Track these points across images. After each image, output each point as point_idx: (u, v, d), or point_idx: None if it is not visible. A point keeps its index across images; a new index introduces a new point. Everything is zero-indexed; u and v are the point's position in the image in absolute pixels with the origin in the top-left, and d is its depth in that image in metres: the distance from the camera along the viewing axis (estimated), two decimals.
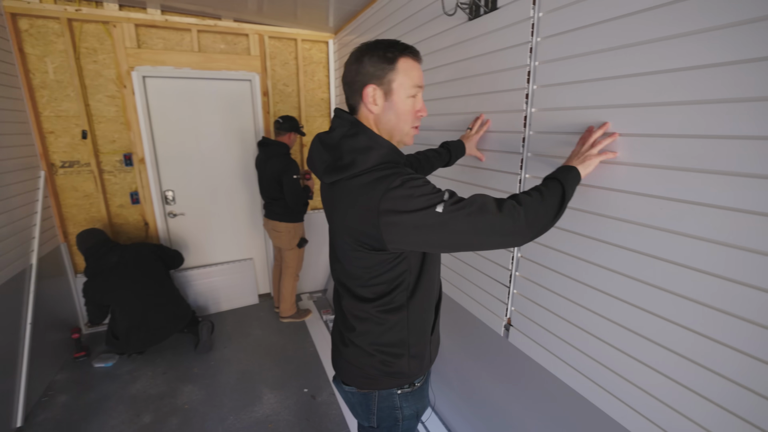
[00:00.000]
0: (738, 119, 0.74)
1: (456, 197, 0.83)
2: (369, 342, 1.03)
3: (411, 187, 0.82)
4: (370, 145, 0.88)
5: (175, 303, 2.66)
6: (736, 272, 0.78)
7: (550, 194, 0.88)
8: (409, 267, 0.96)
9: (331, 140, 0.93)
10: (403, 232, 0.82)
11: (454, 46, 1.61)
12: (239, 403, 2.26)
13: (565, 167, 0.96)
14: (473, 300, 1.67)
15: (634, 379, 1.02)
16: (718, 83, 0.77)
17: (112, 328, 2.53)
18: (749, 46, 0.71)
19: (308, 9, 2.57)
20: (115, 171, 2.84)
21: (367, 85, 0.89)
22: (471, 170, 1.60)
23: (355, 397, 1.11)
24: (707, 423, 0.85)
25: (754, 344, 0.76)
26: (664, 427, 0.95)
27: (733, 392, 0.80)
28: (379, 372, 1.05)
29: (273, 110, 3.20)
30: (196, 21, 2.80)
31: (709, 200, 0.81)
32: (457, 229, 0.80)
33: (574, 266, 1.16)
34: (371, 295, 0.98)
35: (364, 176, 0.86)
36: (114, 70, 2.70)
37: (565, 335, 1.22)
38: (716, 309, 0.82)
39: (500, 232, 0.81)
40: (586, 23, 1.04)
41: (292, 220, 2.87)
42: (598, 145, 0.98)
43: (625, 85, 0.95)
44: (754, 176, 0.73)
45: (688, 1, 0.80)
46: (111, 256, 2.51)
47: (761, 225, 0.73)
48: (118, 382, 2.43)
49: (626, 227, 1.00)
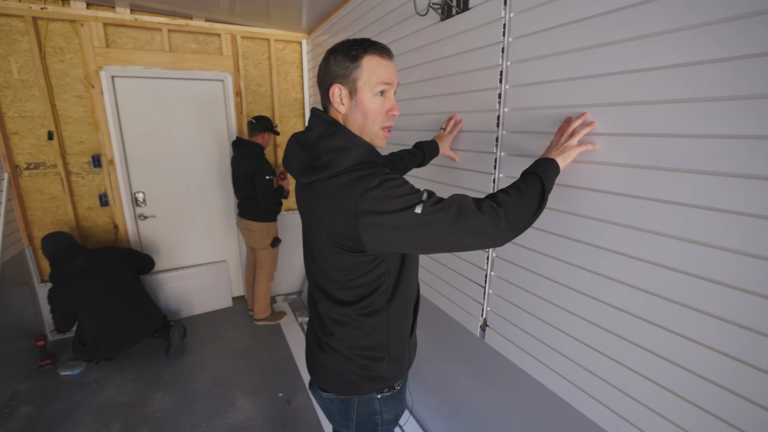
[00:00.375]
0: (710, 118, 0.75)
1: (435, 197, 0.82)
2: (349, 346, 1.01)
3: (389, 188, 0.81)
4: (348, 145, 0.87)
5: (145, 307, 2.60)
6: (708, 270, 0.78)
7: (529, 190, 0.86)
8: (389, 269, 0.95)
9: (307, 140, 0.92)
10: (381, 233, 0.81)
11: (428, 46, 1.61)
12: (212, 409, 2.22)
13: (543, 160, 0.94)
14: (449, 301, 1.67)
15: (609, 378, 1.01)
16: (688, 82, 0.77)
17: (79, 334, 2.45)
18: (719, 46, 0.72)
19: (281, 9, 2.56)
20: (83, 173, 2.77)
21: (333, 85, 0.89)
22: (445, 170, 1.60)
23: (334, 403, 1.09)
24: (681, 421, 0.86)
25: (727, 342, 0.76)
26: (639, 426, 0.95)
27: (706, 390, 0.80)
28: (358, 377, 1.03)
29: (246, 110, 3.16)
30: (166, 20, 2.75)
31: (680, 199, 0.81)
32: (436, 230, 0.79)
33: (548, 265, 1.16)
34: (350, 298, 0.97)
35: (341, 177, 0.85)
36: (82, 70, 2.63)
37: (541, 335, 1.22)
38: (689, 307, 0.82)
39: (480, 234, 0.80)
40: (556, 23, 1.05)
41: (265, 220, 2.86)
42: (576, 135, 0.96)
43: (595, 84, 0.96)
44: (725, 175, 0.73)
45: (656, 3, 0.81)
46: (78, 261, 2.43)
47: (733, 223, 0.73)
48: (85, 390, 2.36)
49: (598, 225, 1.00)
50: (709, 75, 0.74)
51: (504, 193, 0.86)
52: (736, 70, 0.70)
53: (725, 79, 0.72)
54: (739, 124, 0.70)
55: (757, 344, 0.71)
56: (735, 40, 0.70)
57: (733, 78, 0.70)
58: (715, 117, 0.74)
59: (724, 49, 0.71)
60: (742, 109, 0.70)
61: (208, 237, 3.29)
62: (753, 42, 0.67)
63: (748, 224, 0.71)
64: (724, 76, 0.72)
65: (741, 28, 0.69)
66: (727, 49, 0.71)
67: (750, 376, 0.73)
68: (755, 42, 0.67)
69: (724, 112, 0.72)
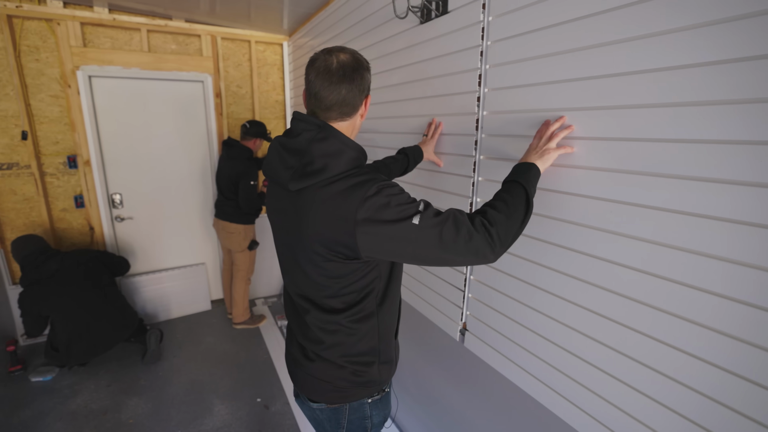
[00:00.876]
0: (686, 122, 0.75)
1: (432, 209, 0.83)
2: (340, 354, 0.99)
3: (387, 195, 0.81)
4: (342, 149, 0.87)
5: (120, 311, 2.55)
6: (684, 275, 0.78)
7: (517, 204, 0.87)
8: (380, 274, 0.95)
9: (297, 144, 0.88)
10: (378, 241, 0.81)
11: (407, 49, 1.61)
12: (188, 415, 2.18)
13: (524, 165, 0.94)
14: (429, 305, 1.66)
15: (586, 382, 1.01)
16: (665, 87, 0.78)
17: (52, 339, 2.39)
18: (694, 51, 0.72)
19: (262, 11, 2.55)
20: (58, 173, 2.71)
21: (368, 95, 0.96)
22: (426, 173, 1.60)
23: (324, 413, 1.07)
24: (657, 425, 0.86)
25: (702, 347, 0.76)
26: (616, 431, 0.95)
27: (684, 396, 0.80)
28: (350, 383, 1.02)
29: (226, 112, 3.14)
30: (145, 21, 2.72)
31: (658, 203, 0.81)
32: (432, 243, 0.80)
33: (527, 269, 1.15)
34: (341, 305, 0.96)
35: (338, 183, 0.84)
36: (58, 69, 2.58)
37: (519, 339, 1.21)
38: (668, 312, 0.81)
39: (474, 253, 0.81)
40: (534, 27, 1.05)
41: (243, 222, 2.84)
42: (555, 138, 0.97)
43: (573, 88, 0.96)
44: (703, 180, 0.73)
45: (631, 8, 0.82)
46: (50, 264, 2.38)
47: (710, 228, 0.73)
48: (57, 396, 2.29)
49: (576, 229, 0.99)
50: (685, 79, 0.74)
51: (493, 209, 0.86)
52: (710, 75, 0.71)
53: (700, 83, 0.72)
54: (715, 129, 0.71)
55: (728, 348, 0.72)
56: (710, 46, 0.70)
57: (709, 83, 0.71)
58: (691, 121, 0.74)
59: (699, 54, 0.72)
60: (717, 114, 0.70)
61: (186, 239, 3.25)
62: (725, 48, 0.68)
63: (724, 229, 0.71)
64: (699, 80, 0.72)
65: (712, 35, 0.70)
66: (702, 54, 0.71)
67: (716, 377, 0.74)
68: (727, 48, 0.68)
69: (700, 116, 0.73)
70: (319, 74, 0.87)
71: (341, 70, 0.87)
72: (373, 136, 1.93)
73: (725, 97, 0.69)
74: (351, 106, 0.91)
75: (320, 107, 0.90)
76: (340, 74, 0.87)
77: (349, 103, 0.90)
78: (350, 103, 0.90)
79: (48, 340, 2.42)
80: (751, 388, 0.69)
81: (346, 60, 0.88)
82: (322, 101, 0.89)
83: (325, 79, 0.87)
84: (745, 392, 0.70)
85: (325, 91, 0.88)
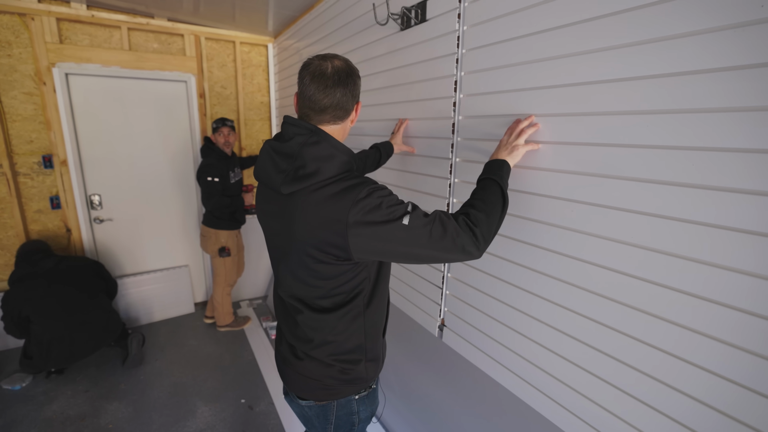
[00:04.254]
0: (637, 129, 0.82)
1: (420, 210, 0.88)
2: (328, 353, 1.02)
3: (378, 197, 0.85)
4: (333, 153, 0.89)
5: (105, 318, 2.49)
6: (639, 270, 0.84)
7: (493, 200, 0.93)
8: (369, 274, 0.98)
9: (289, 149, 0.90)
10: (370, 242, 0.84)
11: (388, 54, 1.66)
12: (170, 418, 2.15)
13: (495, 162, 1.01)
14: (409, 302, 1.71)
15: (556, 373, 1.07)
16: (623, 96, 0.85)
17: (26, 347, 2.31)
18: (645, 64, 0.80)
19: (247, 12, 2.55)
20: (32, 173, 2.62)
21: (359, 102, 0.99)
22: (406, 175, 1.65)
23: (313, 410, 1.10)
24: (634, 421, 0.89)
25: (673, 342, 0.80)
26: (588, 421, 1.00)
27: (653, 387, 0.85)
28: (338, 381, 1.04)
29: (210, 112, 3.11)
30: (126, 18, 2.67)
31: (617, 203, 0.88)
32: (421, 243, 0.84)
33: (500, 267, 1.22)
34: (331, 305, 0.98)
35: (329, 186, 0.87)
36: (32, 66, 2.50)
37: (495, 334, 1.27)
38: (634, 308, 0.87)
39: (461, 251, 0.86)
40: (505, 38, 1.11)
41: (215, 227, 2.77)
42: (523, 134, 1.03)
43: (540, 96, 1.03)
44: (659, 183, 0.80)
45: (597, 21, 0.88)
46: (46, 262, 2.38)
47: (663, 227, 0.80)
48: (30, 404, 2.22)
49: (543, 228, 1.07)
50: (637, 90, 0.82)
51: (474, 208, 0.92)
52: (660, 86, 0.78)
53: (651, 93, 0.80)
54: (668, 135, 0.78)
55: (697, 343, 0.77)
56: (656, 60, 0.78)
57: (660, 93, 0.78)
58: (643, 127, 0.82)
59: (650, 67, 0.79)
60: (665, 122, 0.78)
61: (169, 241, 3.19)
62: (672, 62, 0.76)
63: (682, 229, 0.78)
64: (650, 91, 0.80)
65: (657, 51, 0.78)
66: (653, 67, 0.79)
67: (694, 374, 0.78)
68: (674, 62, 0.76)
69: (652, 123, 0.80)
70: (315, 78, 0.90)
71: (336, 75, 0.90)
72: (359, 138, 1.97)
73: (674, 107, 0.76)
74: (344, 110, 0.94)
75: (314, 110, 0.92)
76: (335, 78, 0.90)
77: (343, 107, 0.93)
78: (344, 107, 0.93)
79: (23, 349, 2.34)
80: (694, 371, 0.76)
81: (340, 66, 0.91)
82: (316, 104, 0.91)
83: (320, 82, 0.89)
84: (697, 379, 0.77)
85: (320, 94, 0.90)
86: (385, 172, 1.78)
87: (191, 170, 3.16)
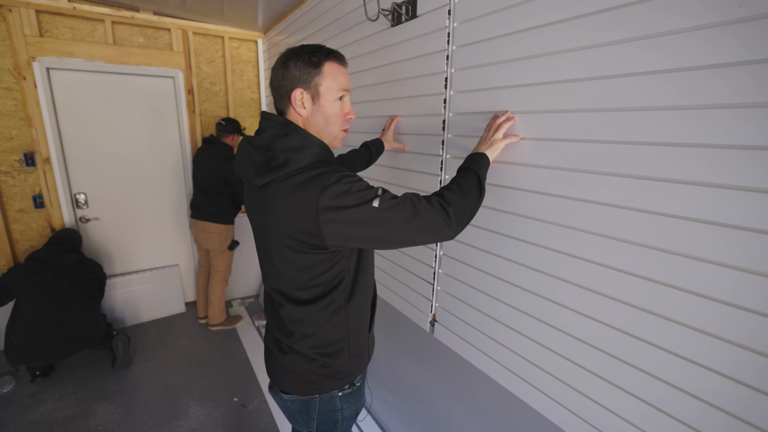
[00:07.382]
0: (618, 125, 0.85)
1: (390, 194, 0.88)
2: (309, 346, 1.02)
3: (347, 183, 0.84)
4: (303, 144, 0.89)
5: (93, 322, 2.43)
6: (635, 266, 0.85)
7: (469, 186, 0.96)
8: (347, 266, 0.98)
9: (261, 141, 0.92)
10: (341, 227, 0.84)
11: (379, 50, 1.65)
12: (162, 418, 2.13)
13: (475, 155, 1.04)
14: (400, 298, 1.72)
15: (545, 365, 1.10)
16: (605, 93, 0.87)
17: (11, 334, 2.24)
18: (624, 62, 0.82)
19: (236, 7, 2.50)
20: (13, 172, 2.54)
21: (295, 89, 0.91)
22: (395, 172, 1.65)
23: (295, 404, 1.09)
24: (626, 414, 0.91)
25: (663, 336, 0.82)
26: (576, 412, 1.03)
27: (648, 384, 0.86)
28: (319, 376, 1.04)
29: (199, 109, 3.06)
30: (110, 11, 2.60)
31: (597, 198, 0.91)
32: (393, 225, 0.84)
33: (489, 261, 1.24)
34: (310, 297, 0.98)
35: (299, 175, 0.86)
36: (10, 60, 2.42)
37: (486, 328, 1.29)
38: (620, 301, 0.89)
39: (433, 231, 0.88)
40: (496, 34, 1.12)
41: (224, 222, 2.79)
42: (501, 128, 1.07)
43: (531, 92, 1.04)
44: (635, 177, 0.83)
45: (581, 19, 0.90)
46: (68, 257, 2.39)
47: (647, 222, 0.82)
48: (16, 407, 2.17)
49: (528, 222, 1.09)
50: (617, 87, 0.84)
51: (449, 191, 0.94)
52: (641, 83, 0.81)
53: (631, 91, 0.82)
54: (649, 132, 0.80)
55: (682, 335, 0.80)
56: (634, 59, 0.81)
57: (640, 91, 0.81)
58: (623, 124, 0.84)
59: (629, 65, 0.82)
60: (646, 118, 0.80)
61: (158, 240, 3.14)
62: (649, 61, 0.78)
63: (642, 219, 0.82)
64: (630, 88, 0.82)
65: (636, 49, 0.80)
66: (632, 65, 0.81)
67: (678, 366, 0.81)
68: (651, 61, 0.78)
69: (632, 120, 0.83)
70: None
71: (281, 57, 0.93)
72: (350, 134, 1.96)
73: (659, 104, 0.79)
74: (281, 93, 0.94)
75: (274, 96, 0.97)
76: (280, 60, 0.93)
77: (279, 90, 0.94)
78: (279, 90, 0.94)
79: (7, 335, 2.26)
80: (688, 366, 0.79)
81: (289, 49, 0.94)
82: (272, 88, 0.96)
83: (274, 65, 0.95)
84: (682, 371, 0.80)
85: (272, 76, 0.95)
86: (376, 169, 1.78)
87: (181, 168, 3.10)
